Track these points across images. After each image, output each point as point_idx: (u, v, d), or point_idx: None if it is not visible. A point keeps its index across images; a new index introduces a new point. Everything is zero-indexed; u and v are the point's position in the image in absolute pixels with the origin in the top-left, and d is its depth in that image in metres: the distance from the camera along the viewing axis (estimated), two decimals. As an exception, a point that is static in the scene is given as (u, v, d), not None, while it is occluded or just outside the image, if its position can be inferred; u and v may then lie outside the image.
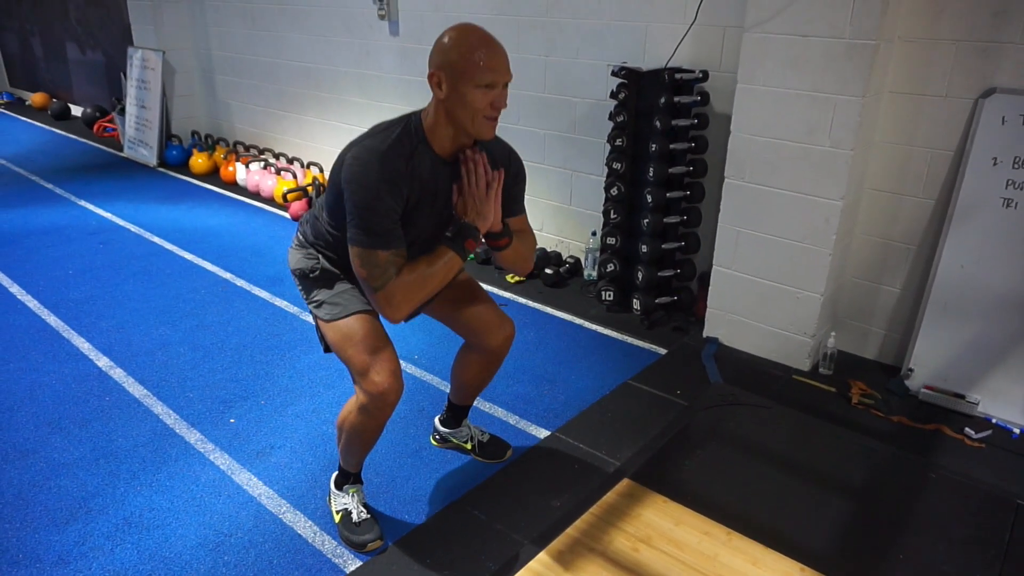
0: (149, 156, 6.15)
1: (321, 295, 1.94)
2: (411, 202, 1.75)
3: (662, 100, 3.10)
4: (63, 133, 7.45)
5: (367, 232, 1.68)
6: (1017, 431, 2.60)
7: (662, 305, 3.44)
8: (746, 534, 2.03)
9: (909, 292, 2.93)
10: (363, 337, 1.84)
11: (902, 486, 2.31)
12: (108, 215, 4.86)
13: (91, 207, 5.03)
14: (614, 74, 3.25)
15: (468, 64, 1.64)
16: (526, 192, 2.07)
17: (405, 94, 4.62)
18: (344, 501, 2.10)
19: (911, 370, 2.84)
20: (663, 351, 3.19)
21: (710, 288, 3.19)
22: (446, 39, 1.68)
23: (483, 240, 1.86)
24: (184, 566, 1.96)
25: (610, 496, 2.18)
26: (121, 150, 6.57)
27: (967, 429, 2.59)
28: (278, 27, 5.36)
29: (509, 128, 4.07)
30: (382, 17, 4.48)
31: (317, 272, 1.94)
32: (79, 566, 1.96)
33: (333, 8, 4.87)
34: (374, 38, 4.66)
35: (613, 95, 3.30)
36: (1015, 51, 2.49)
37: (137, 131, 6.31)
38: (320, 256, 1.96)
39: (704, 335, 3.26)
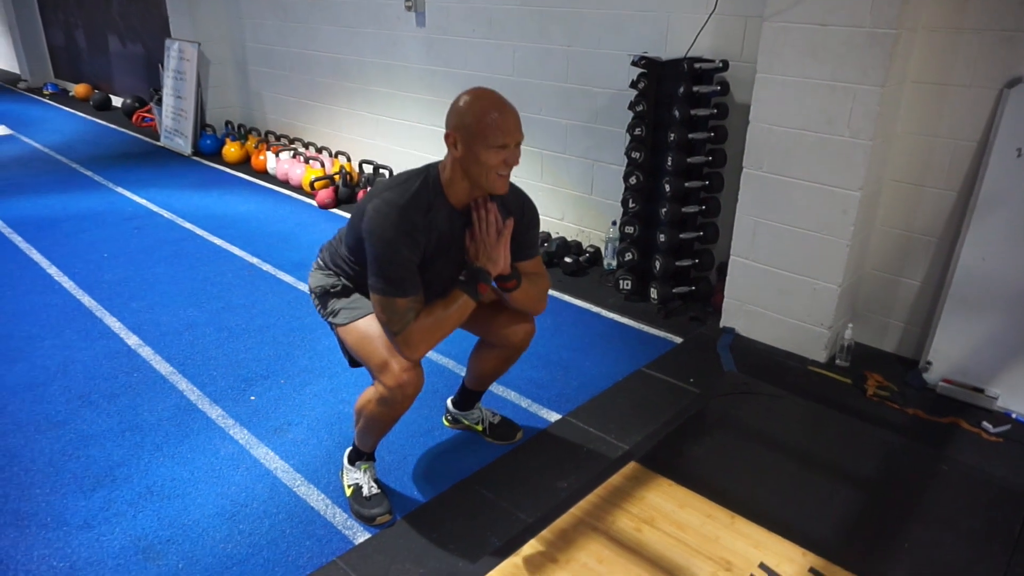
0: (184, 145, 6.31)
1: (338, 304, 2.04)
2: (429, 252, 1.87)
3: (681, 90, 3.10)
4: (104, 123, 7.67)
5: (387, 281, 1.80)
6: (1036, 426, 2.56)
7: (679, 295, 3.44)
8: (750, 519, 2.05)
9: (929, 285, 2.89)
10: (381, 333, 1.91)
11: (913, 477, 2.30)
12: (143, 201, 5.01)
13: (127, 194, 5.19)
14: (634, 64, 3.26)
15: (481, 127, 1.76)
16: (547, 181, 2.15)
17: (430, 84, 4.67)
18: (356, 476, 2.16)
19: (929, 363, 2.80)
20: (679, 340, 3.19)
21: (727, 278, 3.19)
22: (461, 103, 1.81)
23: (493, 283, 1.97)
24: (201, 533, 2.04)
25: (616, 478, 2.21)
26: (158, 139, 6.75)
27: (985, 423, 2.56)
28: (309, 19, 5.45)
29: (531, 118, 4.12)
30: (409, 8, 4.54)
31: (338, 288, 2.06)
32: (103, 530, 2.05)
33: (362, 0, 4.95)
34: (401, 29, 4.72)
35: (633, 85, 3.31)
36: (1041, 40, 2.45)
37: (173, 121, 6.48)
38: (341, 277, 2.08)
39: (720, 325, 3.26)
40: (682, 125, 3.14)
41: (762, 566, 1.88)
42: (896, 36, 2.50)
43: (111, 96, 8.48)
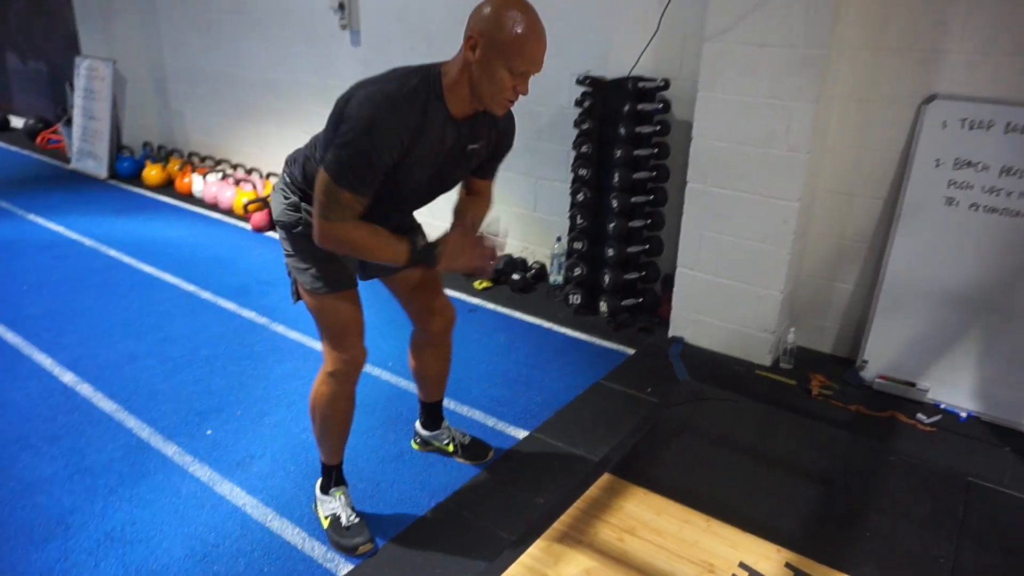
0: (99, 168, 5.99)
1: (303, 257, 1.89)
2: (414, 154, 1.71)
3: (626, 108, 3.20)
4: (3, 145, 7.20)
5: (345, 170, 1.63)
6: (964, 415, 2.77)
7: (628, 307, 3.54)
8: (724, 520, 2.13)
9: (862, 288, 3.09)
10: (340, 310, 1.92)
11: (863, 470, 2.45)
12: (60, 228, 4.73)
13: (41, 220, 4.88)
14: (579, 82, 3.34)
15: (512, 46, 1.61)
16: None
17: (367, 103, 4.63)
18: (332, 506, 2.11)
19: (865, 362, 2.99)
20: (631, 351, 3.28)
21: (675, 289, 3.30)
22: (502, 11, 1.62)
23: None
24: (172, 578, 1.95)
25: (593, 491, 2.25)
26: (68, 162, 6.39)
27: (919, 415, 2.75)
28: (235, 36, 5.31)
29: (473, 136, 4.14)
30: (344, 27, 4.50)
31: (300, 227, 1.88)
32: (62, 583, 1.93)
33: (293, 18, 4.87)
34: (335, 47, 4.67)
35: (578, 103, 3.40)
36: (953, 59, 2.68)
37: (85, 142, 6.15)
38: (303, 208, 1.88)
39: (670, 335, 3.37)
40: (628, 142, 3.25)
41: (742, 565, 1.96)
42: (827, 56, 2.68)
43: (10, 116, 7.97)
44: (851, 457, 2.53)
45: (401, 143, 1.66)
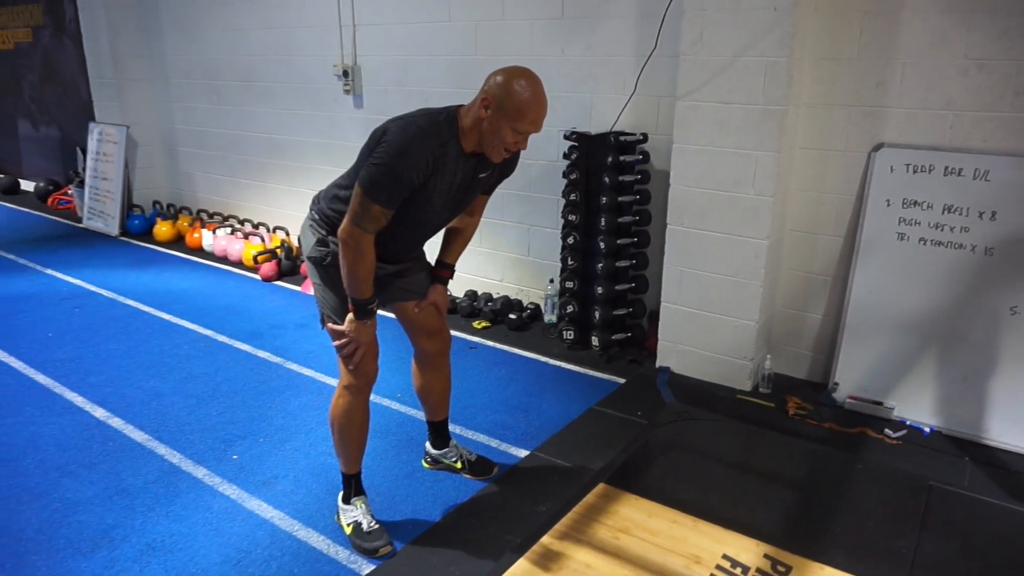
0: (111, 226, 6.29)
1: (331, 288, 2.18)
2: (432, 182, 2.02)
3: (609, 159, 3.55)
4: (14, 207, 7.49)
5: (378, 185, 1.93)
6: (927, 429, 3.03)
7: (618, 341, 3.81)
8: (709, 520, 2.36)
9: (829, 317, 3.39)
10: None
11: (835, 477, 2.70)
12: (77, 281, 4.99)
13: (58, 275, 5.14)
14: (566, 137, 3.70)
15: (517, 113, 1.96)
16: (486, 246, 2.45)
17: (370, 161, 4.98)
18: (354, 514, 2.33)
19: (836, 384, 3.27)
20: (622, 381, 3.54)
21: (660, 322, 3.59)
22: (513, 83, 1.96)
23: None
24: (211, 580, 2.15)
25: (589, 498, 2.48)
26: (80, 221, 6.68)
27: (886, 430, 3.01)
28: (244, 102, 5.70)
29: (470, 188, 4.49)
30: (347, 92, 4.88)
31: (328, 260, 2.17)
32: (111, 586, 2.12)
33: (300, 86, 5.26)
34: (339, 111, 5.05)
35: (566, 156, 3.74)
36: (895, 113, 3.04)
37: (97, 202, 6.46)
38: (331, 242, 2.15)
39: (657, 365, 3.63)
40: (612, 190, 3.58)
41: (725, 557, 2.19)
42: (784, 111, 3.04)
43: (19, 180, 8.29)
44: (824, 467, 2.78)
45: (426, 167, 1.97)
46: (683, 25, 3.17)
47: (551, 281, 4.20)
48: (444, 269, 2.46)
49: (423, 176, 1.98)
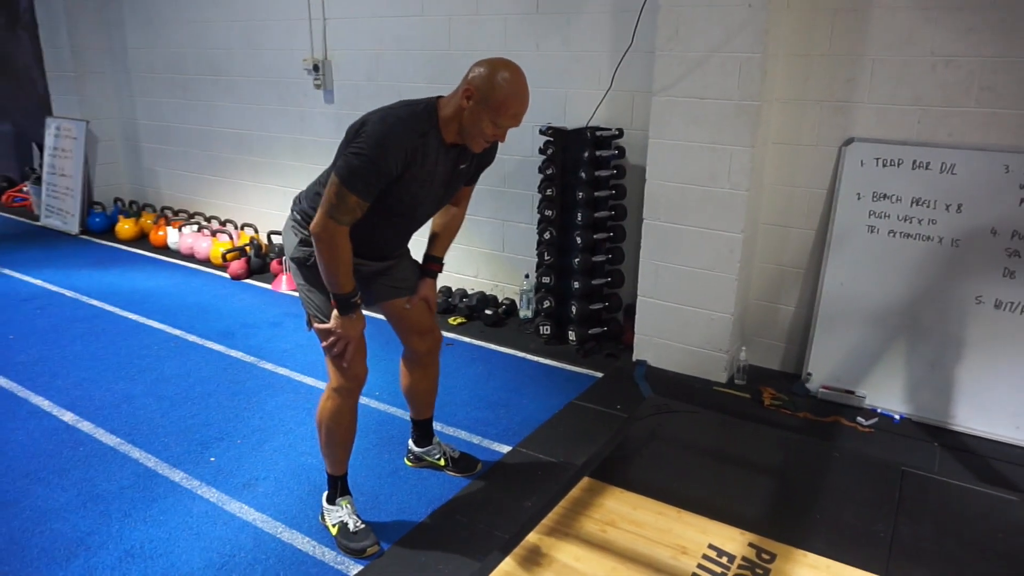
0: (71, 224, 6.10)
1: (316, 289, 2.13)
2: (412, 172, 1.99)
3: (586, 154, 3.56)
4: (-34, 205, 7.23)
5: (355, 176, 1.89)
6: (897, 417, 3.12)
7: (594, 335, 3.83)
8: (693, 511, 2.39)
9: (802, 309, 3.45)
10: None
11: (812, 465, 2.76)
12: (38, 282, 4.83)
13: (17, 275, 4.97)
14: (542, 132, 3.70)
15: (500, 106, 1.94)
16: (460, 241, 2.43)
17: (341, 156, 4.92)
18: (339, 514, 2.30)
19: (809, 374, 3.33)
20: (599, 375, 3.56)
21: (636, 316, 3.62)
22: (498, 76, 1.94)
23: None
24: (195, 585, 2.11)
25: (575, 492, 2.49)
26: (36, 219, 6.47)
27: (859, 418, 3.09)
28: (210, 97, 5.57)
29: (444, 184, 4.47)
30: (318, 87, 4.81)
31: (312, 259, 2.09)
32: (90, 595, 2.07)
33: (268, 80, 5.16)
34: (309, 105, 4.97)
35: (542, 151, 3.74)
36: (864, 109, 3.11)
37: (55, 199, 6.26)
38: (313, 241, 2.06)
39: (634, 359, 3.67)
40: (588, 185, 3.59)
41: (711, 547, 2.22)
42: (758, 107, 3.08)
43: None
44: (801, 455, 2.84)
45: (405, 156, 1.94)
46: (659, 21, 3.19)
47: (527, 276, 4.21)
48: (433, 263, 2.44)
49: (402, 166, 1.95)
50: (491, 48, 4.05)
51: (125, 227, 5.89)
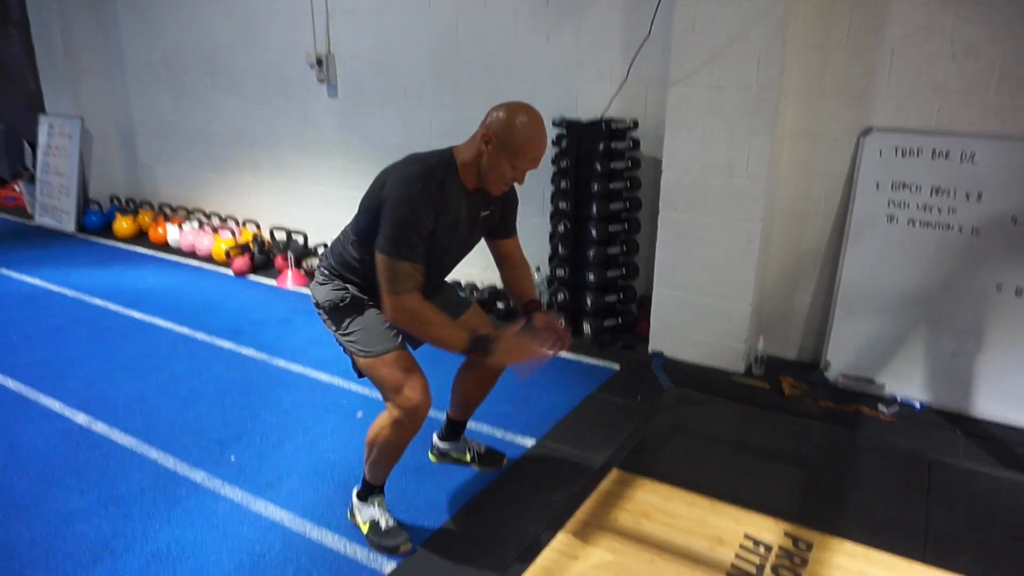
0: (66, 222, 6.01)
1: (353, 326, 2.12)
2: (438, 224, 2.01)
3: (600, 146, 3.53)
4: (-43, 205, 7.10)
5: (397, 244, 1.92)
6: (918, 405, 3.12)
7: (609, 328, 3.81)
8: (726, 501, 2.37)
9: (819, 298, 3.45)
10: (395, 360, 2.08)
11: (839, 454, 2.75)
12: (37, 281, 4.75)
13: (14, 275, 4.88)
14: (556, 124, 3.67)
15: (519, 150, 1.97)
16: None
17: (345, 152, 4.87)
18: (371, 512, 2.27)
19: (828, 363, 3.33)
20: (616, 367, 3.54)
21: (653, 308, 3.60)
22: (516, 120, 1.96)
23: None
24: (227, 586, 2.07)
25: (605, 484, 2.47)
26: (30, 218, 6.37)
27: (880, 407, 3.09)
28: (209, 94, 5.49)
29: (452, 178, 4.43)
30: (321, 81, 4.75)
31: (348, 300, 2.14)
32: (120, 598, 2.02)
33: (270, 76, 5.09)
34: (312, 100, 4.91)
35: (555, 143, 3.71)
36: (882, 99, 3.10)
37: (49, 198, 6.16)
38: (348, 286, 2.16)
39: (650, 350, 3.65)
40: (604, 177, 3.57)
41: (747, 536, 2.20)
42: (777, 97, 3.07)
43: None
44: (826, 445, 2.83)
45: (434, 211, 1.97)
46: (676, 12, 3.17)
47: (538, 269, 4.17)
48: (532, 304, 2.37)
49: (433, 219, 1.98)
50: (501, 42, 4.01)
51: (123, 225, 5.81)
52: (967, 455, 2.76)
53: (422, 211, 1.93)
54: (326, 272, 2.21)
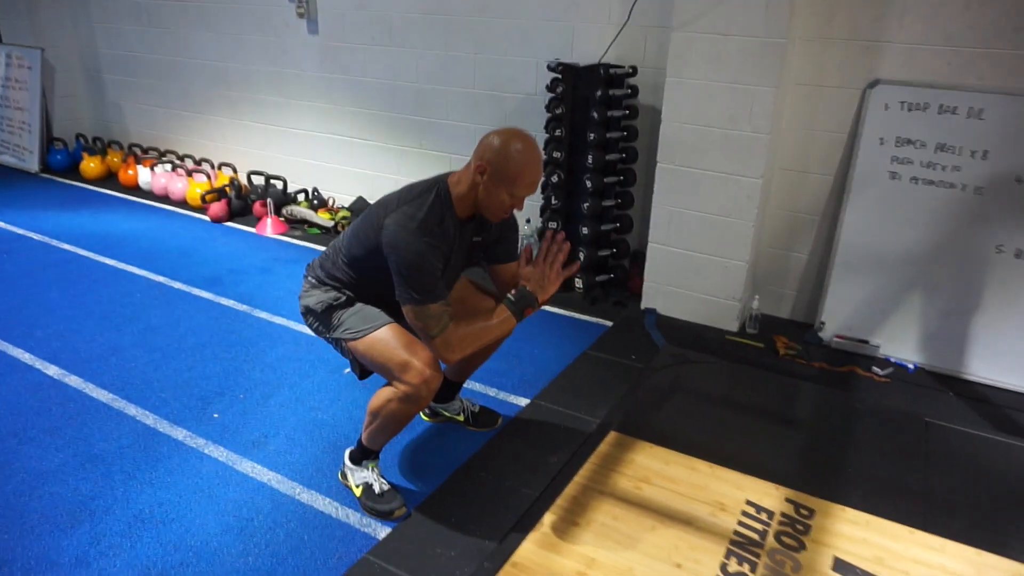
0: (30, 161, 5.71)
1: (343, 315, 2.09)
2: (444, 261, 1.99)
3: (599, 93, 3.38)
4: (-90, 140, 6.71)
5: (418, 291, 1.91)
6: (912, 366, 3.10)
7: (601, 283, 3.73)
8: (725, 465, 2.34)
9: (815, 257, 3.39)
10: (394, 337, 2.01)
11: (836, 417, 2.73)
12: (0, 224, 4.51)
13: (-25, 217, 4.64)
14: (551, 68, 3.49)
15: (516, 178, 1.93)
16: None
17: (327, 92, 4.63)
18: (364, 475, 2.19)
19: (823, 323, 3.29)
20: (608, 323, 3.47)
21: (647, 263, 3.51)
22: (511, 148, 1.92)
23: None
24: (215, 552, 1.99)
25: (603, 447, 2.42)
26: (-9, 157, 6.04)
27: (874, 368, 3.06)
28: (178, 25, 5.17)
29: (437, 123, 4.25)
30: (301, 15, 4.47)
31: (342, 300, 2.11)
32: (102, 565, 1.94)
33: (244, 6, 4.79)
34: (291, 36, 4.64)
35: (550, 88, 3.54)
36: (892, 49, 2.98)
37: (9, 135, 5.83)
38: (344, 289, 2.12)
39: (642, 307, 3.58)
40: (600, 125, 3.42)
41: (749, 503, 2.17)
42: (785, 45, 2.93)
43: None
44: (823, 407, 2.81)
45: (440, 250, 1.95)
46: (683, -51, 2.99)
47: (527, 221, 4.05)
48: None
49: (442, 256, 1.97)
50: (493, -24, 3.79)
51: (90, 165, 5.53)
52: (963, 417, 2.75)
53: (430, 255, 1.92)
54: (314, 281, 2.18)
